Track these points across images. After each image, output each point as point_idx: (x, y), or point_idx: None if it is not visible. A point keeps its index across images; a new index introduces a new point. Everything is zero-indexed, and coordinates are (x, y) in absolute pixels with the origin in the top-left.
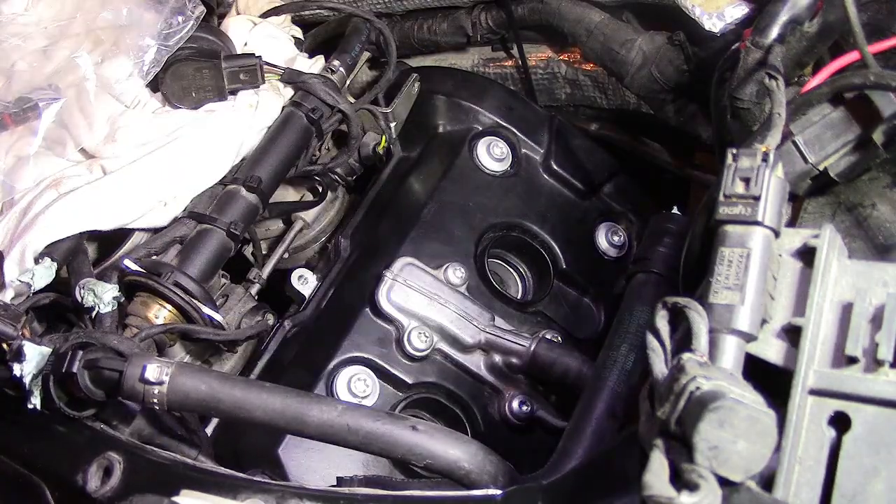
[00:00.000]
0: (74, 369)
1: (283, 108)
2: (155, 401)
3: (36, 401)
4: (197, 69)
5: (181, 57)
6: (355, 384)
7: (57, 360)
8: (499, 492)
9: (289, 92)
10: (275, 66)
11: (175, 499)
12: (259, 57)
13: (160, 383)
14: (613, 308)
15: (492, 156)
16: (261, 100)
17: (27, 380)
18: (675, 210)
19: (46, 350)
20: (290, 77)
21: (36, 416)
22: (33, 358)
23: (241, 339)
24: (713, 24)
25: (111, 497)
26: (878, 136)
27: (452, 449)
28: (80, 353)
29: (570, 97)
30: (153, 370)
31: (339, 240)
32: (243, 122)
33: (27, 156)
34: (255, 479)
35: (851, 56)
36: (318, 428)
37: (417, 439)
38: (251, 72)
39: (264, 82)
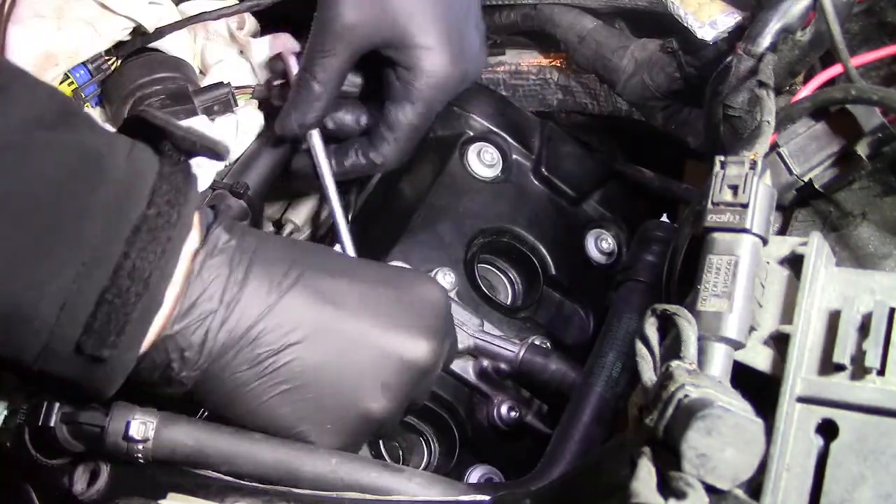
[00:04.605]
0: (52, 424)
1: None
2: (139, 456)
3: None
4: (172, 115)
5: (154, 106)
6: None
7: (31, 412)
8: (486, 497)
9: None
10: (244, 86)
11: (162, 502)
12: (228, 84)
13: (145, 440)
14: (602, 314)
15: (482, 161)
16: (239, 119)
17: None
18: (664, 218)
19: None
20: (261, 94)
21: None
22: None
23: None
24: (705, 33)
25: (97, 500)
26: (861, 149)
27: (450, 497)
28: (56, 405)
29: (561, 103)
30: (137, 427)
31: (329, 243)
32: (227, 141)
33: None
34: (242, 482)
35: (837, 68)
36: (312, 482)
37: (415, 490)
38: (224, 102)
39: (237, 105)
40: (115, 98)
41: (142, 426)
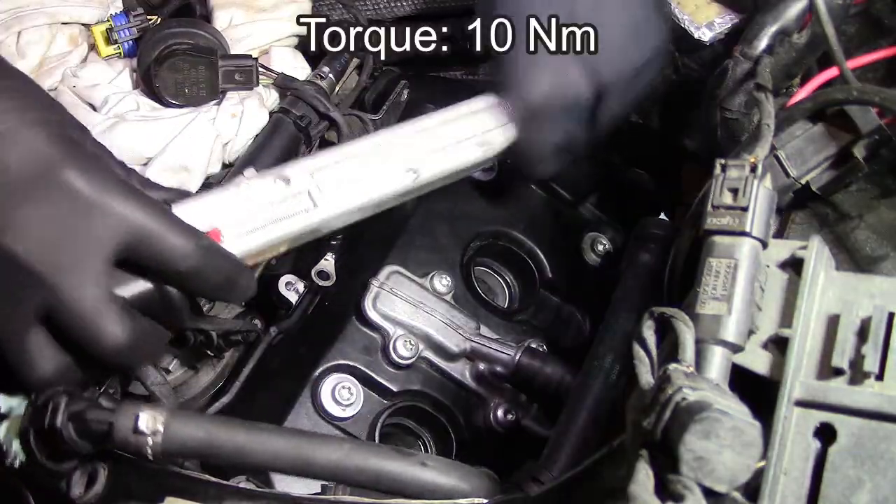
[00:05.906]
0: (58, 423)
1: (272, 114)
2: (149, 451)
3: (16, 461)
4: (193, 64)
5: (178, 51)
6: (339, 392)
7: (35, 413)
8: (485, 500)
9: (272, 99)
10: (269, 69)
11: None
12: (256, 59)
13: (154, 434)
14: (598, 316)
15: None
16: (245, 109)
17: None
18: (661, 216)
19: (16, 400)
20: (284, 82)
21: None
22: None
23: (232, 335)
24: (702, 34)
25: None
26: (858, 151)
27: (464, 483)
28: (62, 404)
29: None
30: (146, 420)
31: (327, 245)
32: (228, 132)
33: None
34: (239, 486)
35: (834, 71)
36: (325, 470)
37: (430, 476)
38: (247, 73)
39: (258, 84)
40: (148, 46)
41: (151, 419)
